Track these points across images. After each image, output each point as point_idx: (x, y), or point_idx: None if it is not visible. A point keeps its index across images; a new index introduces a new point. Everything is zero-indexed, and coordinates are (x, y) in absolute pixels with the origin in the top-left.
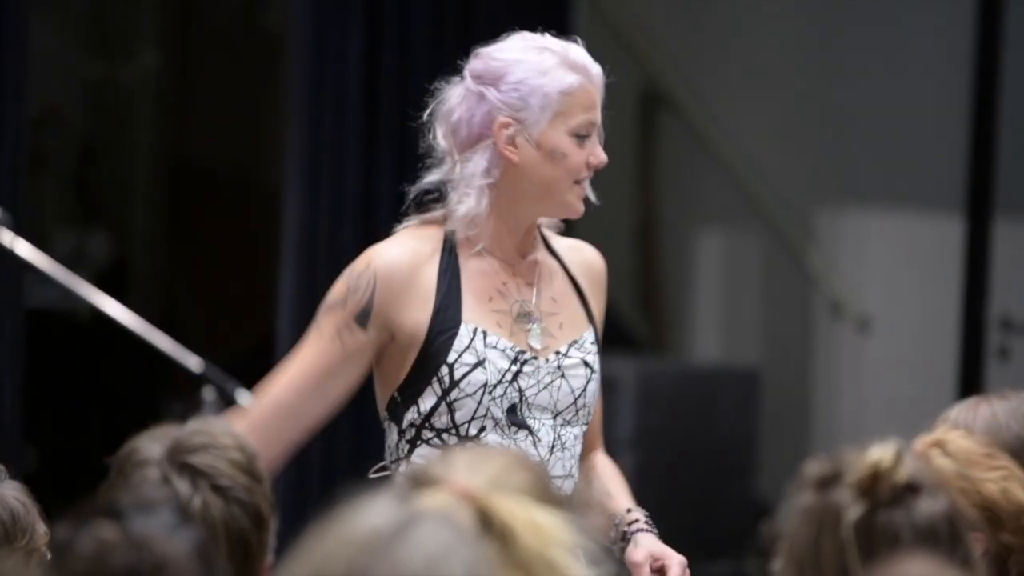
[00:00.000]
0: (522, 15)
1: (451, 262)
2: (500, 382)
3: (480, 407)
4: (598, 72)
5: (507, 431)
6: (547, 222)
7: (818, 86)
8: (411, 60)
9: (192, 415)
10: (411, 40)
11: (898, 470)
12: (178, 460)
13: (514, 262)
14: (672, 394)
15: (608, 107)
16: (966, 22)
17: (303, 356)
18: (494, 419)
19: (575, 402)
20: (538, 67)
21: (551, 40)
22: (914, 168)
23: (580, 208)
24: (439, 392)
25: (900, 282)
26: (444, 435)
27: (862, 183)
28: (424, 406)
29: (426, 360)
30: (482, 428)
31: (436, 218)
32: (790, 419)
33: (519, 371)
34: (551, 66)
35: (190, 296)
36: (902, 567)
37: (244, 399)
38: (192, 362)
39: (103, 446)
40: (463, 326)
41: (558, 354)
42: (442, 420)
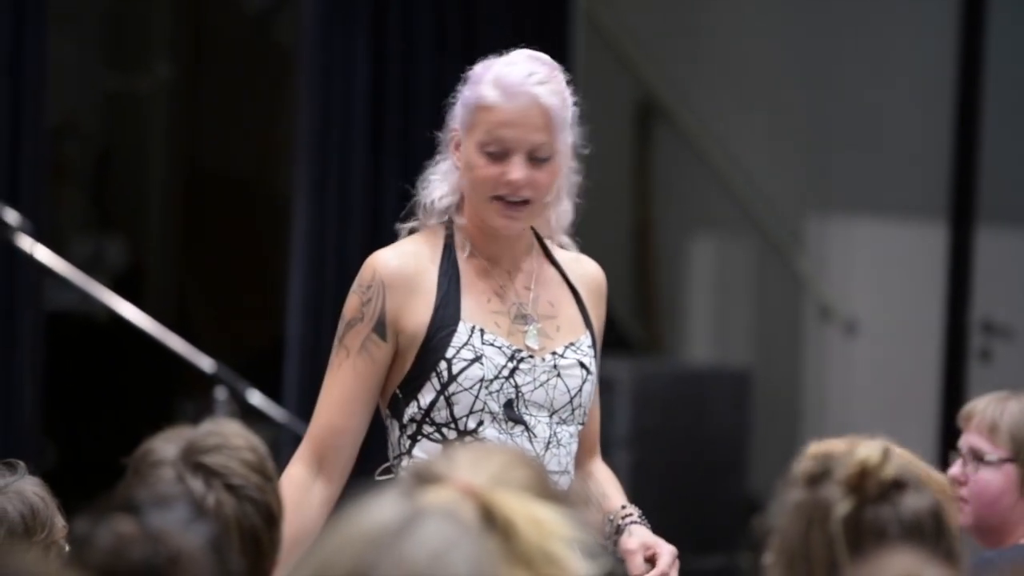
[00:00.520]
0: (522, 30)
1: (451, 264)
2: (497, 377)
3: (477, 401)
4: (528, 95)
5: (504, 426)
6: (551, 231)
7: (807, 98)
8: (415, 73)
9: (205, 414)
10: (415, 54)
11: (885, 468)
12: (192, 460)
13: (511, 267)
14: (667, 394)
15: (605, 119)
16: (949, 35)
17: (341, 379)
18: (491, 413)
19: (571, 401)
20: (474, 79)
21: (515, 56)
22: (899, 177)
23: (501, 225)
24: (438, 386)
25: (886, 286)
26: (444, 429)
27: (849, 191)
28: (424, 400)
29: (426, 356)
30: (480, 422)
31: (436, 222)
32: (781, 418)
33: (515, 368)
34: (481, 80)
35: (203, 299)
36: (889, 561)
37: (255, 399)
38: (205, 363)
39: (119, 442)
40: (462, 324)
41: (555, 354)
42: (441, 414)
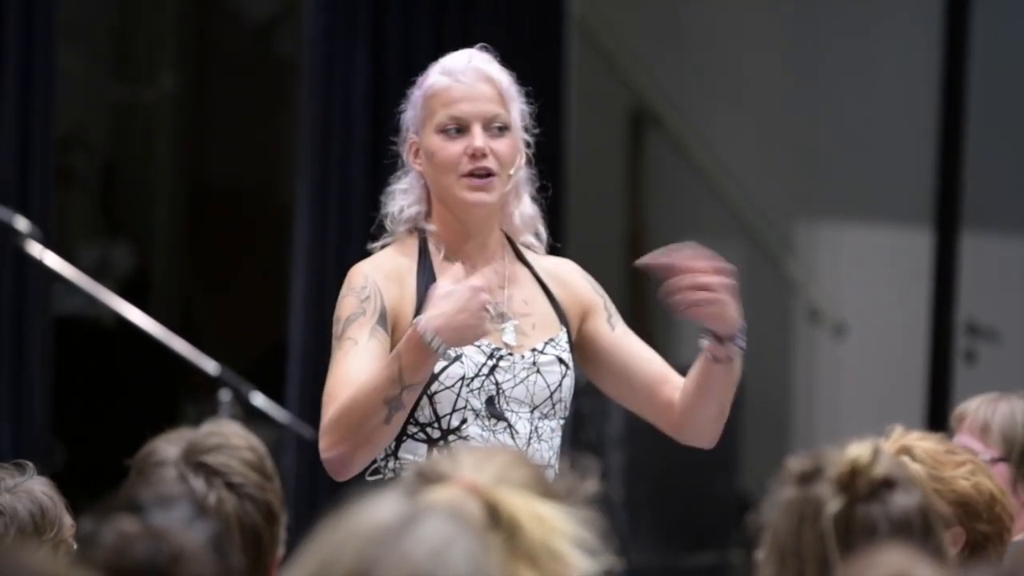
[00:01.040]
0: (518, 40)
1: (427, 267)
2: (477, 375)
3: (459, 399)
4: (475, 70)
5: (487, 423)
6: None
7: (795, 106)
8: (414, 84)
9: (209, 415)
10: (414, 65)
11: (875, 466)
12: (193, 460)
13: (484, 267)
14: None
15: (598, 126)
16: (934, 43)
17: (358, 357)
18: (474, 411)
19: (551, 396)
20: (418, 84)
21: (455, 52)
22: (886, 183)
23: (473, 199)
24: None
25: (874, 290)
26: (428, 428)
27: (837, 197)
28: None
29: None
30: (463, 420)
31: (406, 233)
32: (771, 418)
33: (495, 365)
34: (425, 79)
35: (207, 304)
36: (878, 557)
37: (258, 401)
38: (209, 366)
39: (126, 443)
40: None
41: (534, 351)
42: (424, 413)
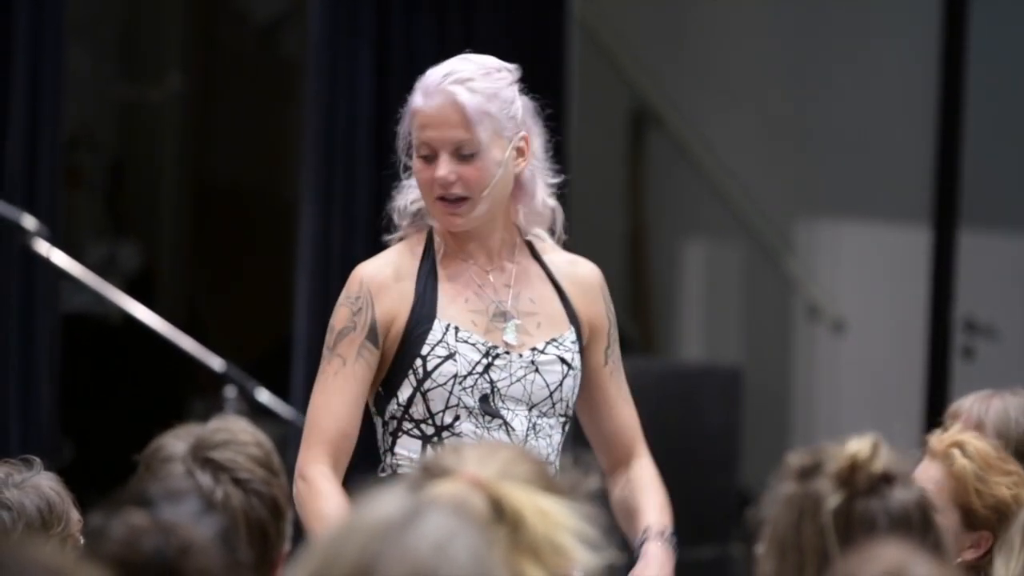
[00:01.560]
0: (520, 40)
1: (430, 265)
2: (471, 373)
3: (452, 396)
4: (443, 93)
5: (481, 420)
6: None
7: (794, 104)
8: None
9: (215, 411)
10: (417, 65)
11: (874, 462)
12: (201, 456)
13: (489, 265)
14: (660, 392)
15: (599, 125)
16: (932, 40)
17: (342, 386)
18: (467, 408)
19: (551, 395)
20: (414, 87)
21: (452, 58)
22: (884, 181)
23: (445, 223)
24: (414, 383)
25: (872, 287)
26: (422, 425)
27: (836, 195)
28: (402, 397)
29: (403, 354)
30: (456, 417)
31: (416, 228)
32: (770, 414)
33: (490, 364)
34: (416, 87)
35: (213, 301)
36: (877, 551)
37: (263, 397)
38: (215, 363)
39: (133, 439)
40: (437, 322)
41: (534, 350)
42: (419, 410)
